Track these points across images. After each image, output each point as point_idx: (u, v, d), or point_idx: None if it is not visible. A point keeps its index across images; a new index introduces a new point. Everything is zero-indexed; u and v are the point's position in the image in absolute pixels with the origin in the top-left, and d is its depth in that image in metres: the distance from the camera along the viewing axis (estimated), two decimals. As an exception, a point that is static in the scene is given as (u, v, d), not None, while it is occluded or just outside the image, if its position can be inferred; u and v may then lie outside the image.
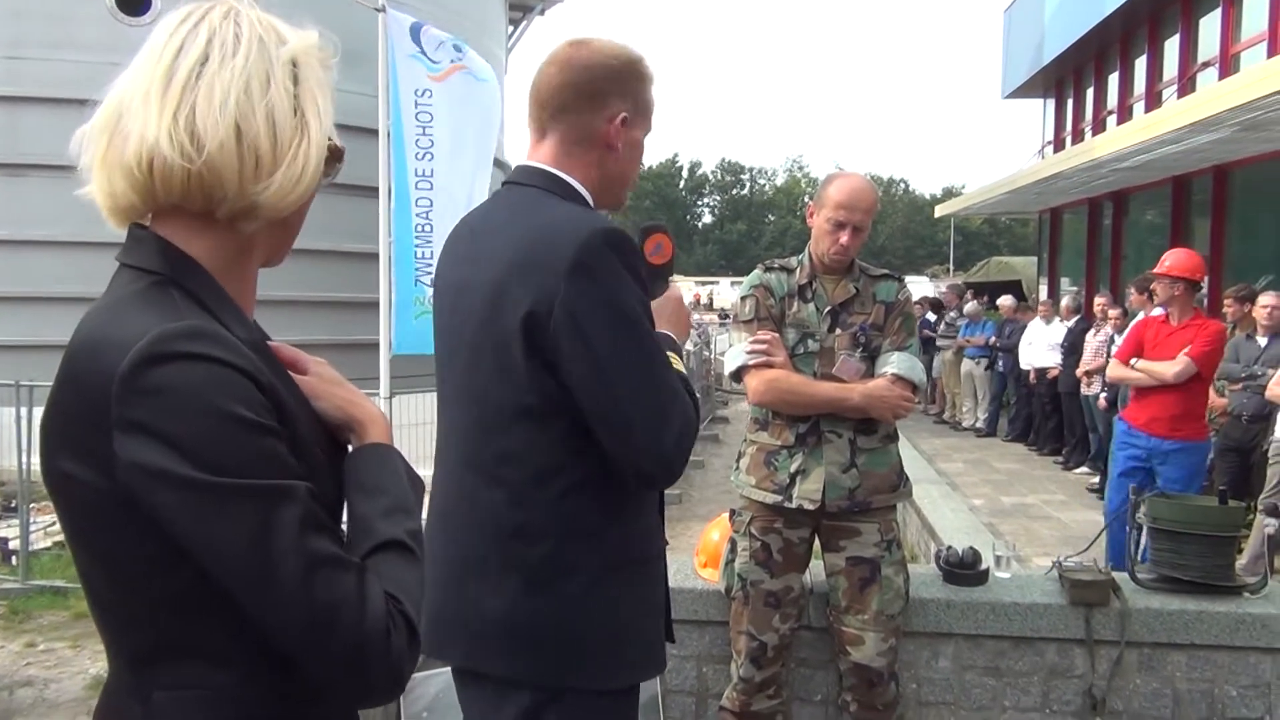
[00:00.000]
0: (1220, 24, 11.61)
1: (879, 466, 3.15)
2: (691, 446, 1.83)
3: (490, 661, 1.87)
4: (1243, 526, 4.01)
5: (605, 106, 1.89)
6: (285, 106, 1.15)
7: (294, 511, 1.06)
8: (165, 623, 1.10)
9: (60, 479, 1.09)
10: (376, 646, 1.08)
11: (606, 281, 1.75)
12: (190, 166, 1.10)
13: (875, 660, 3.12)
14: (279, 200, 1.15)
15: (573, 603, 1.84)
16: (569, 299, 1.73)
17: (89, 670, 5.41)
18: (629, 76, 1.92)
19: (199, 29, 1.14)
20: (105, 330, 1.08)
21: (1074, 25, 14.87)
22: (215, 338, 1.07)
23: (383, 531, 1.19)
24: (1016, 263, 21.21)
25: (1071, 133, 17.23)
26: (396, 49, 6.40)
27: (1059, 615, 3.38)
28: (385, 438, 1.28)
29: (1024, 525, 8.39)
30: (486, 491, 1.85)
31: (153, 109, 1.10)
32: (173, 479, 1.02)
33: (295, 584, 1.04)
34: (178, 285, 1.13)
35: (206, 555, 1.05)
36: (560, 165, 1.91)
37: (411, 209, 6.44)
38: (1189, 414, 5.63)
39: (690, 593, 3.51)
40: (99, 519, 1.08)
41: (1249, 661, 3.32)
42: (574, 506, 1.84)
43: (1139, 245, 13.61)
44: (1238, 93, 7.53)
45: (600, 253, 1.74)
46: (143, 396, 1.02)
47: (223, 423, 1.04)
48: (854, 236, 3.11)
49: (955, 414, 14.49)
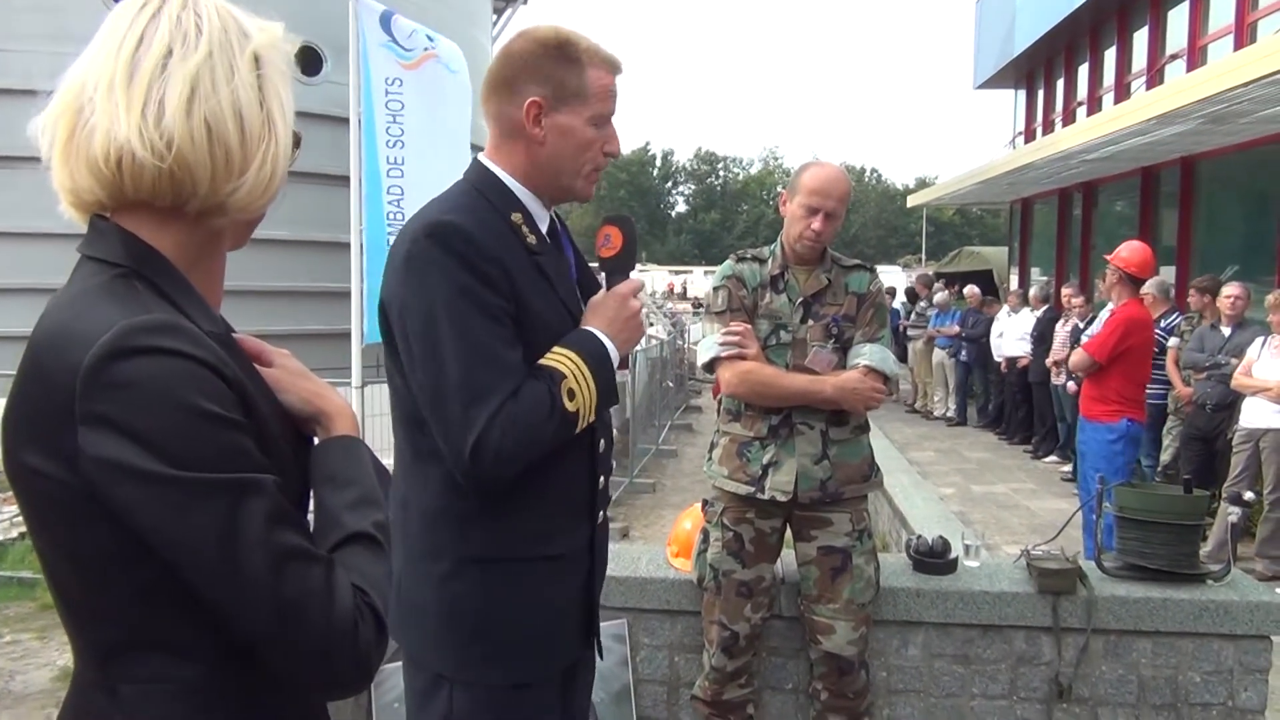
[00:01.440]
0: (1188, 17, 11.71)
1: (851, 457, 3.16)
2: (522, 450, 1.75)
3: (395, 633, 1.86)
4: (1207, 515, 4.07)
5: (518, 93, 1.87)
6: (252, 100, 1.14)
7: (261, 505, 1.06)
8: (131, 616, 1.10)
9: (23, 472, 1.08)
10: (344, 639, 1.08)
11: (422, 275, 1.77)
12: (161, 165, 1.09)
13: (846, 649, 3.14)
14: (249, 203, 1.16)
15: (436, 587, 1.87)
16: (393, 293, 1.81)
17: (56, 662, 5.36)
18: (546, 60, 1.86)
19: (159, 18, 1.12)
20: (69, 323, 1.07)
21: (1044, 17, 14.96)
22: (181, 331, 1.06)
23: (350, 524, 1.20)
24: (987, 253, 21.32)
25: (1042, 124, 17.35)
26: (368, 37, 6.36)
27: (1027, 603, 3.41)
28: (352, 430, 1.29)
29: (994, 514, 8.47)
30: (391, 457, 1.91)
31: (118, 103, 1.09)
32: (138, 474, 1.01)
33: (262, 578, 1.04)
34: (141, 278, 1.12)
35: (173, 550, 1.04)
36: (493, 156, 1.94)
37: (383, 197, 6.40)
38: (1099, 396, 6.10)
39: (662, 582, 3.51)
40: (63, 513, 1.07)
41: (1212, 648, 3.36)
42: (442, 493, 1.85)
43: (1108, 235, 13.73)
44: (1204, 85, 7.60)
45: (419, 242, 1.78)
46: (108, 391, 1.01)
47: (189, 417, 1.03)
48: (826, 223, 3.09)
49: (926, 403, 14.60)
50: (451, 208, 1.85)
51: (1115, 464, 5.86)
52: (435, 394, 1.74)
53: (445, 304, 1.74)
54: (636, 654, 3.54)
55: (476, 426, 1.70)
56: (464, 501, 1.82)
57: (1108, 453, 5.95)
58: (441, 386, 1.73)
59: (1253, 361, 6.84)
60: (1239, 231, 10.64)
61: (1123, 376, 6.03)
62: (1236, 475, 6.80)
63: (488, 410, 1.71)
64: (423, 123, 6.57)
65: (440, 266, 1.75)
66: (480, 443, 1.70)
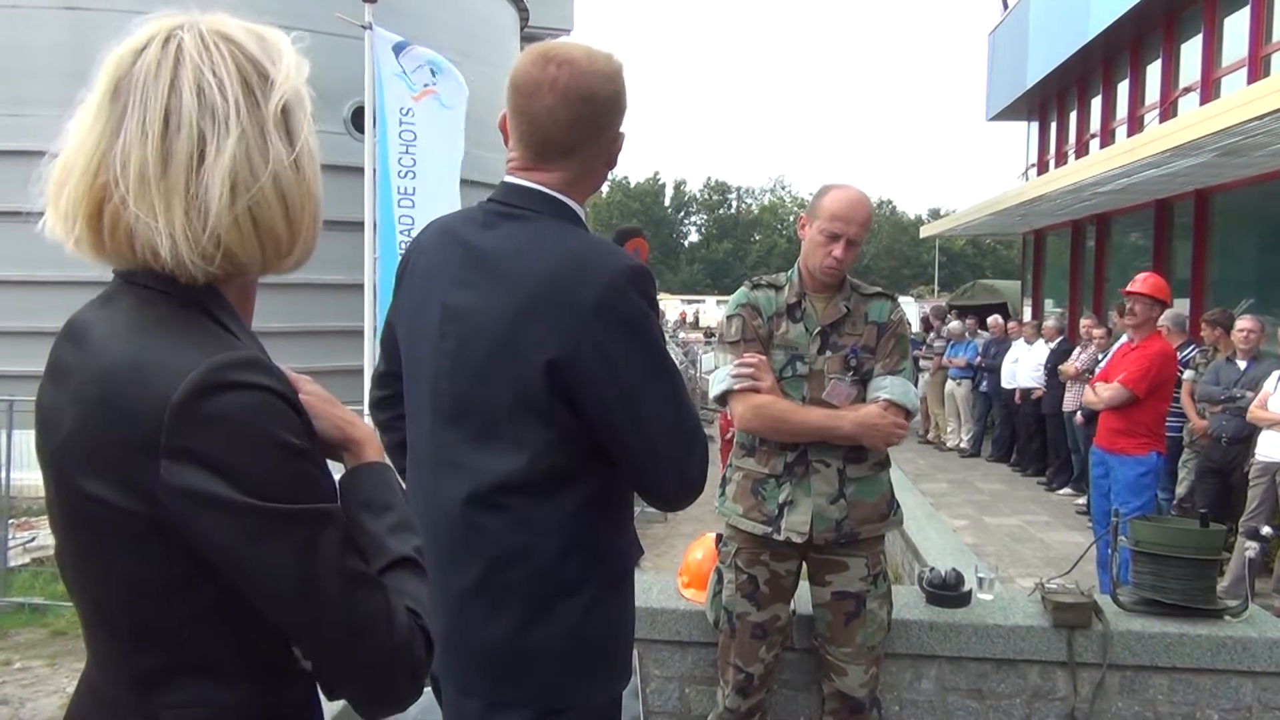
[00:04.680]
0: (1201, 50, 11.73)
1: (868, 496, 3.06)
2: (707, 466, 1.88)
3: (485, 686, 1.86)
4: (1223, 549, 4.03)
5: (610, 130, 1.90)
6: (287, 170, 1.14)
7: (335, 533, 1.12)
8: (178, 641, 1.13)
9: (82, 501, 1.09)
10: (404, 657, 1.15)
11: (634, 319, 1.76)
12: (210, 268, 1.11)
13: (858, 690, 3.10)
14: (294, 268, 1.20)
15: (574, 623, 1.84)
16: (600, 341, 1.73)
17: (65, 689, 5.35)
18: (622, 93, 1.91)
19: (179, 85, 1.09)
20: (147, 354, 1.08)
21: (1058, 50, 15.01)
22: (264, 367, 1.10)
23: (394, 549, 1.25)
24: (1002, 286, 21.26)
25: (1055, 155, 17.36)
26: (383, 67, 6.43)
27: (1041, 637, 3.38)
28: (380, 456, 1.33)
29: (1007, 546, 8.41)
30: (486, 517, 1.83)
31: (155, 204, 1.07)
32: (226, 505, 1.04)
33: (337, 601, 1.10)
34: (201, 308, 1.14)
35: (252, 577, 1.08)
36: (566, 190, 1.89)
37: (395, 226, 6.45)
38: (1127, 430, 6.03)
39: (673, 613, 3.49)
40: (127, 542, 1.09)
41: (1230, 685, 3.32)
42: (575, 527, 1.84)
43: (1122, 267, 13.71)
44: (1218, 118, 7.60)
45: (625, 291, 1.75)
46: (200, 425, 1.04)
47: (275, 450, 1.07)
48: (847, 250, 2.97)
49: (939, 434, 14.54)
50: (612, 248, 1.88)
51: (1144, 497, 5.85)
52: (666, 429, 1.81)
53: (658, 342, 1.82)
54: (647, 685, 3.51)
55: (698, 451, 1.84)
56: (595, 532, 1.87)
57: (1137, 486, 5.89)
58: (670, 423, 1.81)
59: (1269, 395, 6.80)
60: (1253, 264, 10.61)
61: (1151, 410, 6.02)
62: (1253, 510, 6.74)
63: (700, 435, 1.86)
64: (426, 154, 6.64)
65: (645, 308, 1.80)
66: (702, 463, 1.85)
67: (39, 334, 8.13)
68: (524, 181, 1.89)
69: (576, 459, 1.81)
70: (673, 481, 1.83)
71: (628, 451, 1.80)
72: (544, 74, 1.82)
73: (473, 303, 1.83)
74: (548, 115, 1.83)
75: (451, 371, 1.87)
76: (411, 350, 1.98)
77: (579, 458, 1.81)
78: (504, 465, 1.81)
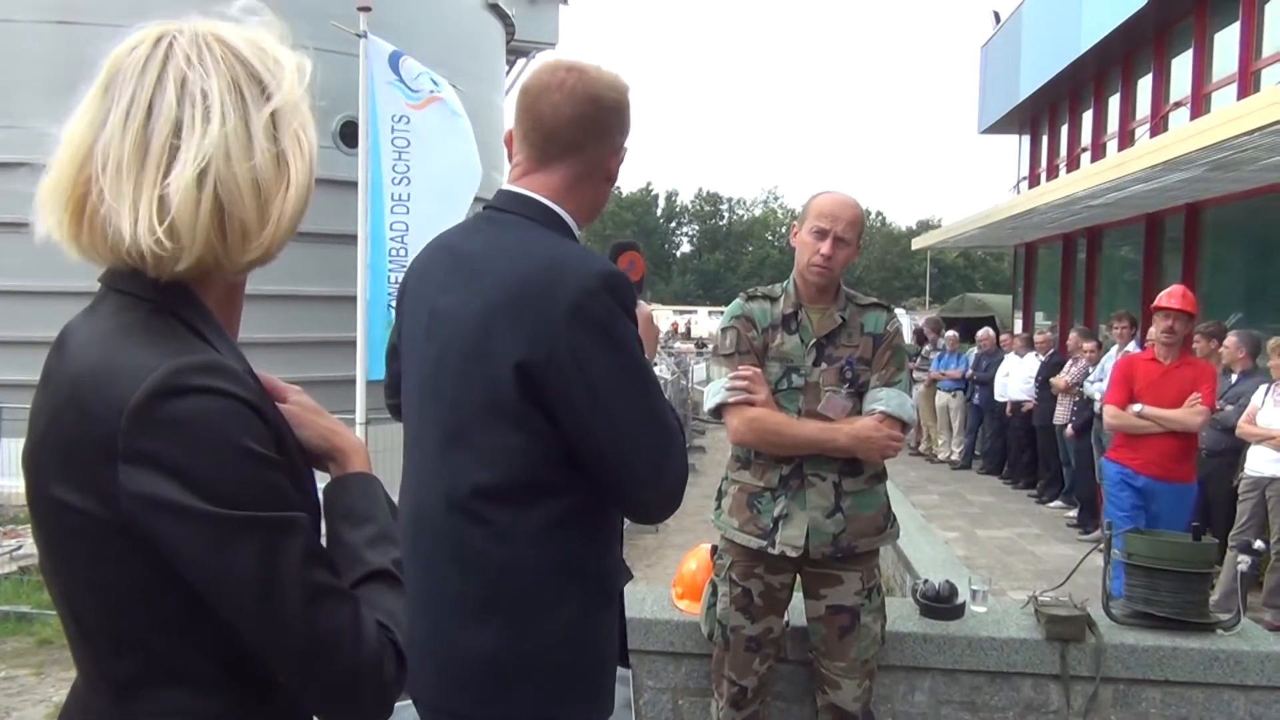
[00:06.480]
0: (1192, 65, 11.79)
1: (865, 509, 3.05)
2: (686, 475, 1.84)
3: (466, 702, 1.84)
4: (1215, 563, 4.03)
5: (612, 139, 1.90)
6: (268, 164, 1.13)
7: (298, 543, 1.08)
8: (152, 648, 1.11)
9: (54, 507, 1.08)
10: (370, 673, 1.11)
11: (608, 324, 1.73)
12: (176, 257, 1.08)
13: (851, 704, 3.10)
14: (268, 253, 1.16)
15: (556, 641, 1.81)
16: (572, 344, 1.71)
17: (52, 698, 5.31)
18: (627, 106, 1.92)
19: (165, 79, 1.09)
20: (110, 359, 1.07)
21: (1049, 63, 15.07)
22: (228, 371, 1.08)
23: (371, 561, 1.22)
24: (991, 300, 21.33)
25: (1046, 169, 17.41)
26: (376, 76, 6.43)
27: (1035, 650, 3.38)
28: (366, 467, 1.30)
29: (998, 559, 8.42)
30: (467, 527, 1.81)
31: (126, 191, 1.07)
32: (183, 511, 1.02)
33: (298, 614, 1.07)
34: (175, 314, 1.12)
35: (211, 585, 1.06)
36: (558, 197, 1.88)
37: (386, 234, 6.44)
38: (1185, 456, 5.72)
39: (666, 624, 3.48)
40: (93, 546, 1.08)
41: (1223, 698, 3.32)
42: (559, 541, 1.81)
43: (1113, 281, 13.75)
44: (1209, 133, 7.63)
45: (599, 296, 1.73)
46: (156, 429, 1.02)
47: (235, 456, 1.05)
48: (835, 247, 2.96)
49: (930, 446, 14.56)
50: (590, 254, 1.86)
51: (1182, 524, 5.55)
52: (639, 435, 1.76)
53: (633, 348, 1.78)
54: (640, 696, 3.50)
55: (674, 458, 1.80)
56: (577, 549, 1.84)
57: (1184, 515, 5.50)
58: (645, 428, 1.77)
59: (1256, 409, 6.82)
60: (1243, 278, 10.65)
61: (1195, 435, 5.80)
62: (1243, 524, 6.76)
63: (676, 441, 1.81)
64: (426, 162, 6.62)
65: (619, 313, 1.76)
66: (679, 470, 1.81)
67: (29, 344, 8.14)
68: (518, 188, 1.89)
69: (553, 469, 1.78)
70: (647, 492, 1.79)
71: (600, 459, 1.76)
72: (554, 78, 1.86)
73: (454, 306, 1.84)
74: (552, 111, 1.85)
75: (434, 376, 1.87)
76: (406, 356, 1.99)
77: (555, 468, 1.78)
78: (476, 470, 1.80)
